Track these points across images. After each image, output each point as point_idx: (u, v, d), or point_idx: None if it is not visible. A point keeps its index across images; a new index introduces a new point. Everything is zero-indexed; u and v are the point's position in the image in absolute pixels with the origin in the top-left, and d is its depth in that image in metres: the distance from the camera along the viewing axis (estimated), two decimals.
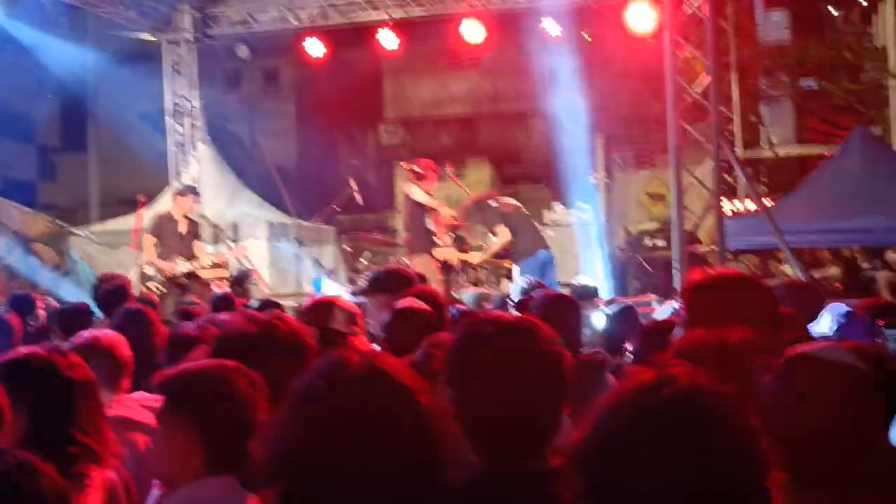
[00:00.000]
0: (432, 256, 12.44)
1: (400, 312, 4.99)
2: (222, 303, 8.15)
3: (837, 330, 5.13)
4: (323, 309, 4.86)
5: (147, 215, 16.21)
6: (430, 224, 12.46)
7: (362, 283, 10.70)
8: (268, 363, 3.18)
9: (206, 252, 13.66)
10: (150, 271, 12.93)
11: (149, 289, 12.67)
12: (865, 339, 4.56)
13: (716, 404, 1.82)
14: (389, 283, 5.97)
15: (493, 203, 12.55)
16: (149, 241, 13.10)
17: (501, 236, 12.30)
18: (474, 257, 13.24)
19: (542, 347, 2.63)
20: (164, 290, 12.76)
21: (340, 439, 2.12)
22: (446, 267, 12.90)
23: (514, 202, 12.79)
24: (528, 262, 12.01)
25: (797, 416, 2.44)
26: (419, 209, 12.48)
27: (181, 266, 12.84)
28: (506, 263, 13.19)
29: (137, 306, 6.32)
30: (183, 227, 13.08)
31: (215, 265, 13.63)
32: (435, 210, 12.59)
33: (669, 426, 1.77)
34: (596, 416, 1.85)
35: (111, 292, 8.13)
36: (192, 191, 13.75)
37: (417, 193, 12.47)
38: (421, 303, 5.08)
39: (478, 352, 2.64)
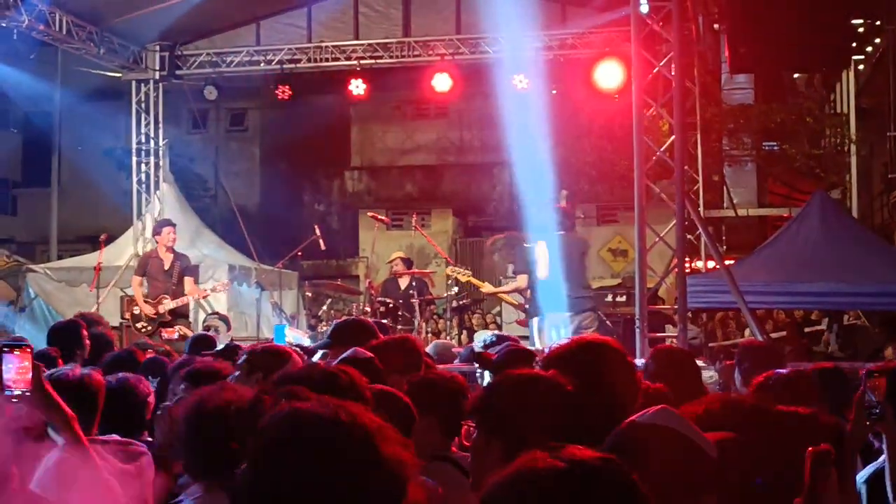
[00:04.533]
0: None
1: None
2: (202, 343, 8.03)
3: None
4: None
5: (110, 254, 16.11)
6: None
7: (324, 333, 10.63)
8: None
9: (196, 288, 13.67)
10: (137, 311, 13.20)
11: (137, 329, 12.91)
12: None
13: (599, 477, 1.86)
14: (351, 334, 5.96)
15: (527, 245, 12.43)
16: (135, 282, 13.38)
17: (519, 282, 12.25)
18: (486, 287, 13.31)
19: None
20: (150, 329, 12.94)
21: (303, 485, 2.10)
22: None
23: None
24: (539, 319, 11.84)
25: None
26: None
27: (167, 305, 12.96)
28: (513, 302, 13.19)
29: None
30: (167, 263, 13.19)
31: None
32: None
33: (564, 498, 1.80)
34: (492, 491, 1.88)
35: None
36: (166, 223, 13.79)
37: None
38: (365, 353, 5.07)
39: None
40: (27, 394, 3.38)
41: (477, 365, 6.88)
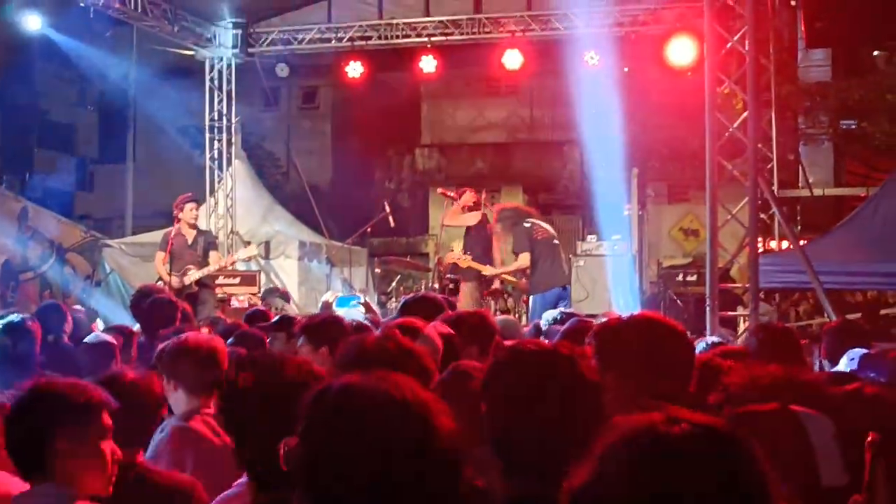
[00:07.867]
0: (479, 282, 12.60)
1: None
2: (256, 318, 8.17)
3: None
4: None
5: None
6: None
7: (393, 310, 10.68)
8: None
9: (221, 258, 13.59)
10: (161, 284, 13.09)
11: None
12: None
13: (721, 442, 1.74)
14: (420, 308, 6.00)
15: (527, 224, 12.44)
16: (159, 257, 13.25)
17: (521, 261, 12.28)
18: (487, 270, 13.18)
19: (581, 375, 2.72)
20: None
21: (359, 458, 2.09)
22: (493, 293, 12.98)
23: (550, 229, 12.68)
24: (540, 297, 11.96)
25: None
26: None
27: (192, 275, 12.85)
28: (520, 284, 13.16)
29: None
30: (190, 239, 13.14)
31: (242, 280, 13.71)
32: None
33: (673, 466, 1.68)
34: (598, 455, 1.76)
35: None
36: (188, 199, 13.48)
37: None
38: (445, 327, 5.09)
39: (516, 373, 2.73)
40: None
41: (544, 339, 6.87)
